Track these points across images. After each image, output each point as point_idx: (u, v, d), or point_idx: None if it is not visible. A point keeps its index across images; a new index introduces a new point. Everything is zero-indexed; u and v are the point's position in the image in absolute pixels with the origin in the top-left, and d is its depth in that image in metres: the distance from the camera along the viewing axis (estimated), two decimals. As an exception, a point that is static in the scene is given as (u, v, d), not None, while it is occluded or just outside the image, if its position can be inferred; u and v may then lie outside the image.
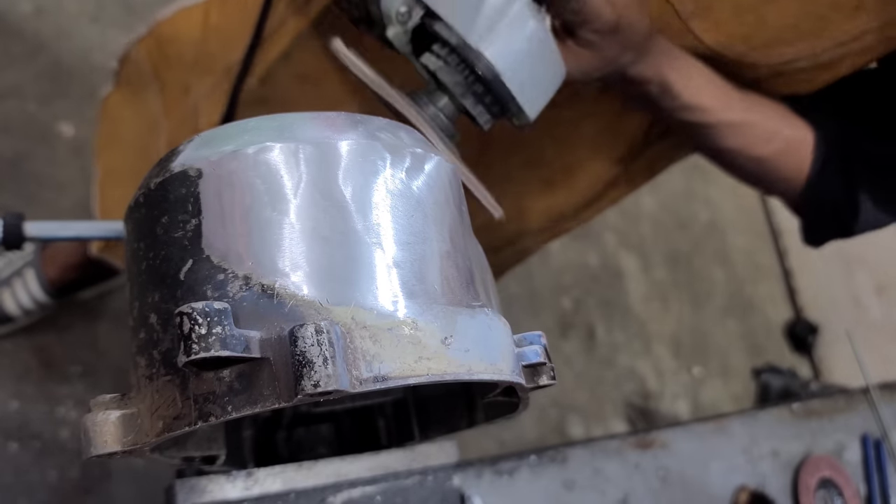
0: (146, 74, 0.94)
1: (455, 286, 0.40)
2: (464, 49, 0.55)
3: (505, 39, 0.55)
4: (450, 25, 0.55)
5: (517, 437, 1.72)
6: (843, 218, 0.72)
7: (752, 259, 2.55)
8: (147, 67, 0.94)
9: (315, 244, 0.36)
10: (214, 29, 0.86)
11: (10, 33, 1.49)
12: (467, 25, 0.55)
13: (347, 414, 0.67)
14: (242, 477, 0.54)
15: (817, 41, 0.63)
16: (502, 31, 0.55)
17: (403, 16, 0.57)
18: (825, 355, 2.42)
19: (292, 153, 0.38)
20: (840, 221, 0.73)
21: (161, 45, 0.92)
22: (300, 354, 0.32)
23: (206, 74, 0.85)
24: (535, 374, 0.42)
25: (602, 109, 0.77)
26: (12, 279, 1.28)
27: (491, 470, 0.63)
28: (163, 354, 0.36)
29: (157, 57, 0.93)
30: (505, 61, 0.55)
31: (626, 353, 2.07)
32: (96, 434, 0.37)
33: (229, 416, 0.33)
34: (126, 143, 0.99)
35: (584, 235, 2.14)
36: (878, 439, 0.83)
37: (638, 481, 0.69)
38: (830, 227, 0.76)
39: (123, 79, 1.00)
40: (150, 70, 0.94)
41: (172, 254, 0.37)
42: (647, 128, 0.79)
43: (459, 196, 0.45)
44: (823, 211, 0.74)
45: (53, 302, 1.28)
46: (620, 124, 0.78)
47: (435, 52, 0.58)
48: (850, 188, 0.71)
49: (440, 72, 0.57)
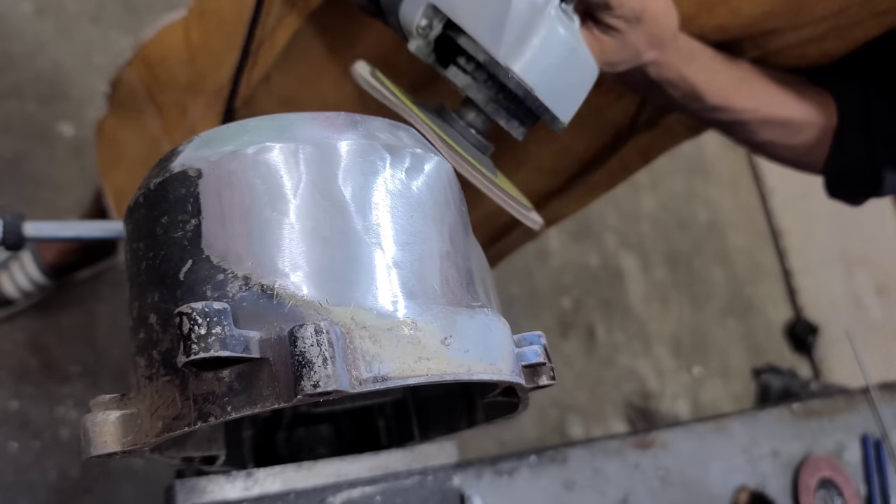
0: (141, 98, 0.94)
1: (455, 286, 0.40)
2: (492, 65, 0.52)
3: (535, 52, 0.52)
4: (475, 40, 0.52)
5: (517, 437, 1.72)
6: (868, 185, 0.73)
7: (752, 259, 2.55)
8: (141, 91, 0.93)
9: (315, 244, 0.36)
10: (198, 47, 0.86)
11: (10, 33, 1.49)
12: (494, 39, 0.51)
13: (347, 414, 0.67)
14: (242, 477, 0.54)
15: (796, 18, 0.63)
16: (532, 44, 0.51)
17: (425, 29, 0.53)
18: (825, 355, 2.42)
19: (292, 153, 0.38)
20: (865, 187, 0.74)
21: (150, 68, 0.91)
22: (300, 355, 0.32)
23: (198, 95, 0.85)
24: (535, 375, 0.42)
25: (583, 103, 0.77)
26: (10, 262, 1.29)
27: (491, 470, 0.62)
28: (162, 355, 0.36)
29: (149, 80, 0.92)
30: (537, 75, 0.52)
31: (626, 353, 2.07)
32: (96, 434, 0.37)
33: (229, 416, 0.33)
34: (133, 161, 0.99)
35: (584, 235, 2.14)
36: (878, 439, 0.83)
37: (638, 481, 0.68)
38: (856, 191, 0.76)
39: (117, 102, 1.00)
40: (144, 94, 0.93)
41: (172, 254, 0.37)
42: (633, 115, 0.78)
43: (459, 196, 0.45)
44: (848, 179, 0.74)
45: (52, 283, 1.30)
46: (603, 112, 0.78)
47: (461, 65, 0.55)
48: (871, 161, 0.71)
49: (468, 89, 0.54)
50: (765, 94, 0.67)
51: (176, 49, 0.88)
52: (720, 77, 0.64)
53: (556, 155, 0.83)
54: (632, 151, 0.83)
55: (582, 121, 0.79)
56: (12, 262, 1.29)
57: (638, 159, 0.85)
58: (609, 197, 0.92)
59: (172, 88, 0.90)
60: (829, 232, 2.49)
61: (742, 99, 0.66)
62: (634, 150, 0.83)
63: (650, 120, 0.78)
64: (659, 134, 0.81)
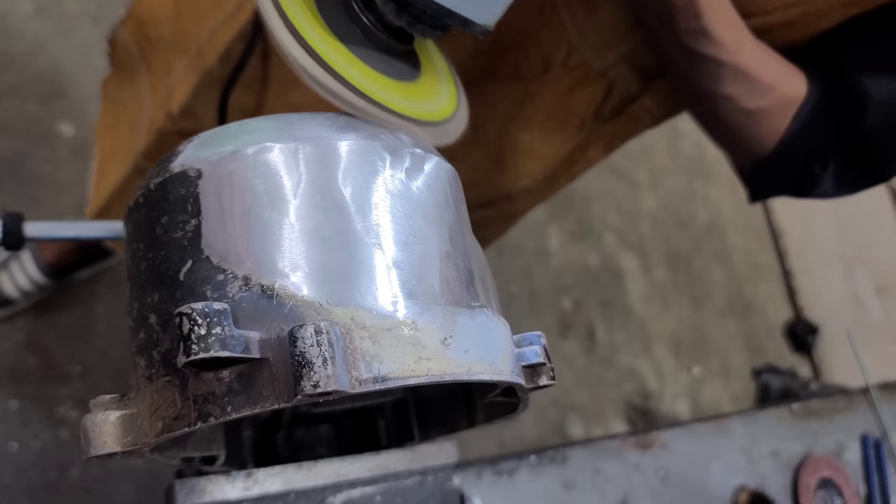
0: (135, 56, 0.94)
1: (455, 286, 0.40)
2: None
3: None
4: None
5: (517, 437, 1.72)
6: (800, 186, 0.71)
7: (752, 259, 2.55)
8: (134, 50, 0.93)
9: (315, 244, 0.36)
10: (185, 4, 0.84)
11: (10, 33, 1.49)
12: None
13: (347, 414, 0.67)
14: (242, 477, 0.54)
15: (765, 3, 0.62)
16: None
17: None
18: (825, 355, 2.42)
19: (292, 153, 0.38)
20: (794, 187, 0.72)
21: (141, 27, 0.91)
22: (300, 355, 0.32)
23: (182, 54, 0.83)
24: (535, 375, 0.42)
25: (547, 90, 0.76)
26: (10, 262, 1.29)
27: (491, 470, 0.62)
28: (162, 355, 0.36)
29: (141, 39, 0.92)
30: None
31: (626, 353, 2.07)
32: (96, 434, 0.37)
33: (229, 416, 0.33)
34: (125, 123, 0.99)
35: (584, 235, 2.14)
36: (878, 439, 0.83)
37: (638, 481, 0.68)
38: (779, 188, 0.74)
39: (116, 61, 1.00)
40: (137, 52, 0.93)
41: (172, 254, 0.37)
42: (599, 105, 0.77)
43: (459, 196, 0.45)
44: (780, 174, 0.72)
45: (51, 283, 1.30)
46: (568, 104, 0.77)
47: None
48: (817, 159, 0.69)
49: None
50: (748, 40, 0.64)
51: (164, 5, 0.87)
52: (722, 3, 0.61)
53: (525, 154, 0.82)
54: (594, 140, 0.82)
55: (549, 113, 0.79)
56: (12, 262, 1.29)
57: (600, 149, 0.84)
58: (609, 197, 0.91)
59: (160, 47, 0.89)
60: (829, 232, 2.49)
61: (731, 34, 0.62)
62: (597, 138, 0.82)
63: (615, 109, 0.77)
64: (622, 123, 0.79)
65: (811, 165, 0.70)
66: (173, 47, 0.86)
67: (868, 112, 0.66)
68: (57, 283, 1.32)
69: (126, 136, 0.97)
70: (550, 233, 2.07)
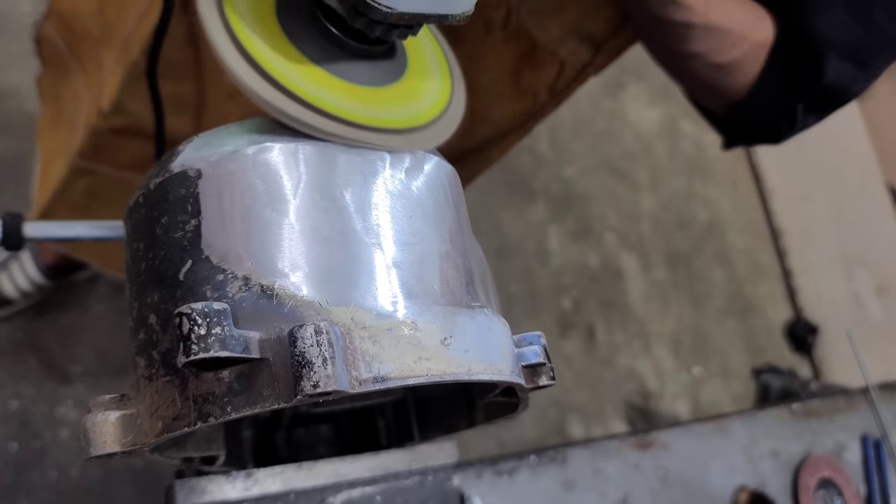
0: (64, 53, 0.90)
1: (454, 286, 0.40)
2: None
3: None
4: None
5: (517, 437, 1.72)
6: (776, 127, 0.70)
7: (752, 259, 2.54)
8: (62, 46, 0.90)
9: (314, 245, 0.36)
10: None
11: (11, 33, 1.49)
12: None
13: (347, 414, 0.67)
14: (242, 477, 0.54)
15: None
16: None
17: None
18: (825, 355, 2.42)
19: (292, 153, 0.38)
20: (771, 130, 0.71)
21: (65, 22, 0.87)
22: (299, 355, 0.32)
23: (111, 48, 0.80)
24: (535, 375, 0.42)
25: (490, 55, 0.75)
26: (9, 263, 1.29)
27: (491, 470, 0.62)
28: (162, 355, 0.36)
29: (67, 34, 0.88)
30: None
31: (626, 353, 2.07)
32: (96, 434, 0.37)
33: (229, 416, 0.33)
34: (65, 122, 0.95)
35: (584, 235, 2.14)
36: (878, 439, 0.83)
37: (638, 481, 0.68)
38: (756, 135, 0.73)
39: (46, 59, 0.96)
40: (65, 48, 0.90)
41: (172, 254, 0.37)
42: (552, 83, 0.76)
43: (459, 196, 0.45)
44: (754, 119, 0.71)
45: (51, 283, 1.30)
46: (519, 81, 0.76)
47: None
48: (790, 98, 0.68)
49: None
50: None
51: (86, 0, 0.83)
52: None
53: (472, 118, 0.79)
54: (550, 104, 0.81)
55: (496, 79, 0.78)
56: (12, 262, 1.29)
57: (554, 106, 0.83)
58: (609, 197, 0.91)
59: (88, 42, 0.85)
60: (829, 232, 2.49)
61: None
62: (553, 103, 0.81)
63: (570, 80, 0.77)
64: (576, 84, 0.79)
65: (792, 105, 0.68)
66: (101, 41, 0.82)
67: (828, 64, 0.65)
68: (56, 284, 1.33)
69: (66, 136, 0.94)
70: (550, 233, 2.07)
